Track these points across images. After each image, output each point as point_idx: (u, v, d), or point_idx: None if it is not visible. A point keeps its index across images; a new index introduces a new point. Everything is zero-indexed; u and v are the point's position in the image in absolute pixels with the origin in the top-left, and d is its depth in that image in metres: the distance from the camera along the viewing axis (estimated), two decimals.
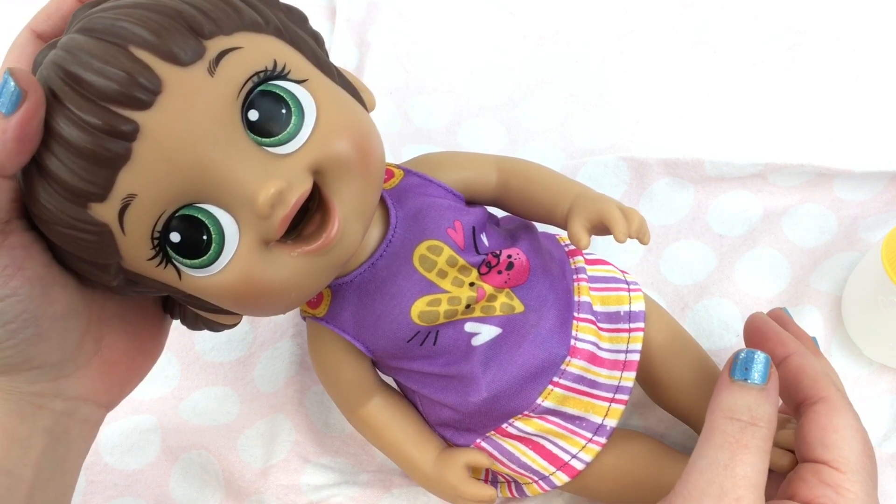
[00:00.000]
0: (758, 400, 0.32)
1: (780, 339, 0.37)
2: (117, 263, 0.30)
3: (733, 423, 0.32)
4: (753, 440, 0.31)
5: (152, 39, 0.26)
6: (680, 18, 0.61)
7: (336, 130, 0.30)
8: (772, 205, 0.52)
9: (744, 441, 0.31)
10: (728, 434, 0.32)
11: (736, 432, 0.32)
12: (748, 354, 0.33)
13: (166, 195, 0.28)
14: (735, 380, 0.33)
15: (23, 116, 0.26)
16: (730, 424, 0.32)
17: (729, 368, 0.34)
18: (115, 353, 0.34)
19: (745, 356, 0.33)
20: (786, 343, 0.37)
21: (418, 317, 0.36)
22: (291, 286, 0.30)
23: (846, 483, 0.31)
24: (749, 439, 0.31)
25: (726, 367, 0.34)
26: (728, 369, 0.34)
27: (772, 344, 0.37)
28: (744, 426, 0.32)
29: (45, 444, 0.31)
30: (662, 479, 0.41)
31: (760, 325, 0.39)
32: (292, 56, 0.30)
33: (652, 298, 0.44)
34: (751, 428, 0.32)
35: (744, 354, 0.33)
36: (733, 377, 0.33)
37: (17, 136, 0.26)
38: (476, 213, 0.39)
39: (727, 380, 0.33)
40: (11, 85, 0.25)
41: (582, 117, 0.58)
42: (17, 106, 0.25)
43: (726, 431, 0.32)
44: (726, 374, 0.34)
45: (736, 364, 0.33)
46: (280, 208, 0.27)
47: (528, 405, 0.39)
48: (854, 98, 0.56)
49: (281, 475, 0.48)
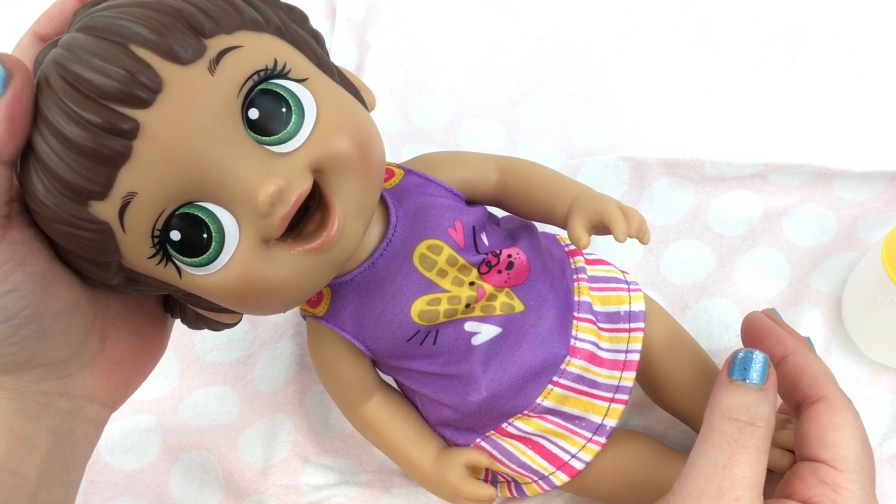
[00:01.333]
0: (756, 400, 0.32)
1: (779, 338, 0.37)
2: (118, 262, 0.30)
3: (731, 423, 0.32)
4: (752, 440, 0.31)
5: (153, 38, 0.26)
6: (680, 18, 0.61)
7: (336, 129, 0.30)
8: (772, 205, 0.52)
9: (742, 441, 0.31)
10: (726, 434, 0.32)
11: (734, 432, 0.32)
12: (746, 354, 0.33)
13: (166, 193, 0.28)
14: (733, 379, 0.33)
15: (11, 96, 0.26)
16: (728, 424, 0.32)
17: (727, 368, 0.34)
18: (119, 352, 0.34)
19: (743, 356, 0.33)
20: (784, 342, 0.37)
21: (418, 316, 0.36)
22: (291, 284, 0.30)
23: (844, 482, 0.31)
24: (747, 439, 0.31)
25: (725, 367, 0.34)
26: (726, 369, 0.34)
27: (770, 343, 0.37)
28: (742, 426, 0.32)
29: (50, 443, 0.31)
30: (662, 479, 0.41)
31: (758, 324, 0.39)
32: (292, 55, 0.30)
33: (652, 298, 0.44)
34: (749, 428, 0.32)
35: (742, 354, 0.33)
36: (731, 377, 0.33)
37: (8, 116, 0.26)
38: (476, 212, 0.39)
39: (725, 379, 0.33)
40: None
41: (582, 117, 0.58)
42: (4, 87, 0.26)
43: (725, 431, 0.32)
44: (725, 374, 0.34)
45: (734, 364, 0.33)
46: (280, 206, 0.27)
47: (527, 405, 0.39)
48: (854, 98, 0.56)
49: (281, 475, 0.48)
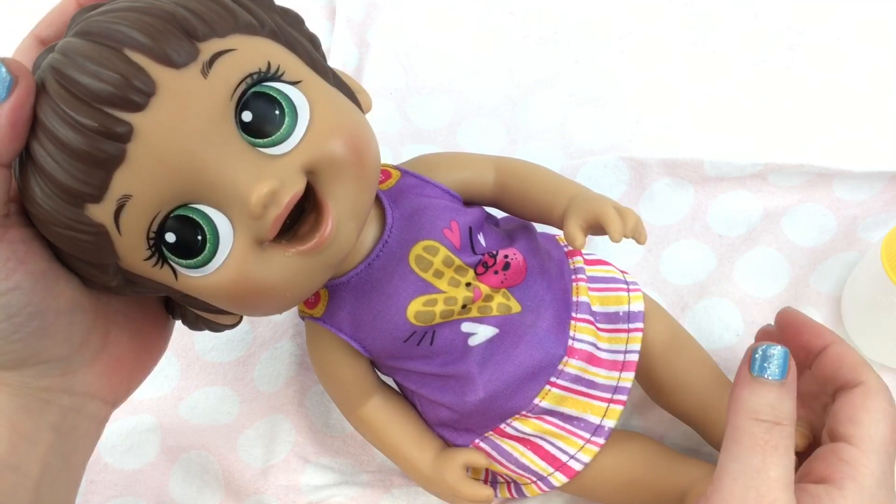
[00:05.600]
0: (780, 397, 0.32)
1: (817, 331, 0.37)
2: (115, 264, 0.30)
3: (759, 425, 0.32)
4: (781, 440, 0.32)
5: (146, 42, 0.26)
6: (680, 18, 0.61)
7: (329, 131, 0.30)
8: (772, 205, 0.52)
9: (773, 442, 0.31)
10: (757, 437, 0.32)
11: (763, 433, 0.32)
12: (766, 349, 0.33)
13: (161, 196, 0.28)
14: (755, 375, 0.33)
15: (15, 102, 0.26)
16: (756, 426, 0.32)
17: (747, 364, 0.33)
18: (121, 350, 0.34)
19: (762, 350, 0.33)
20: (822, 333, 0.37)
21: (414, 317, 0.37)
22: (286, 286, 0.30)
23: (863, 459, 0.32)
24: (777, 440, 0.31)
25: (744, 363, 0.34)
26: (746, 364, 0.33)
27: (808, 336, 0.37)
28: (770, 427, 0.32)
29: (51, 439, 0.31)
30: (661, 479, 0.41)
31: (793, 319, 0.39)
32: (286, 58, 0.30)
33: (652, 298, 0.44)
34: (777, 428, 0.32)
35: (761, 349, 0.33)
36: (752, 372, 0.33)
37: (10, 121, 0.26)
38: (473, 213, 0.39)
39: (747, 376, 0.33)
40: (3, 71, 0.26)
41: (582, 117, 0.58)
42: (9, 92, 0.26)
43: (755, 434, 0.32)
44: (745, 370, 0.33)
45: (754, 359, 0.33)
46: (273, 208, 0.28)
47: (525, 405, 0.39)
48: (854, 98, 0.55)
49: (281, 475, 0.48)
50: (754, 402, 0.32)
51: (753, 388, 0.33)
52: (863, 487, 0.31)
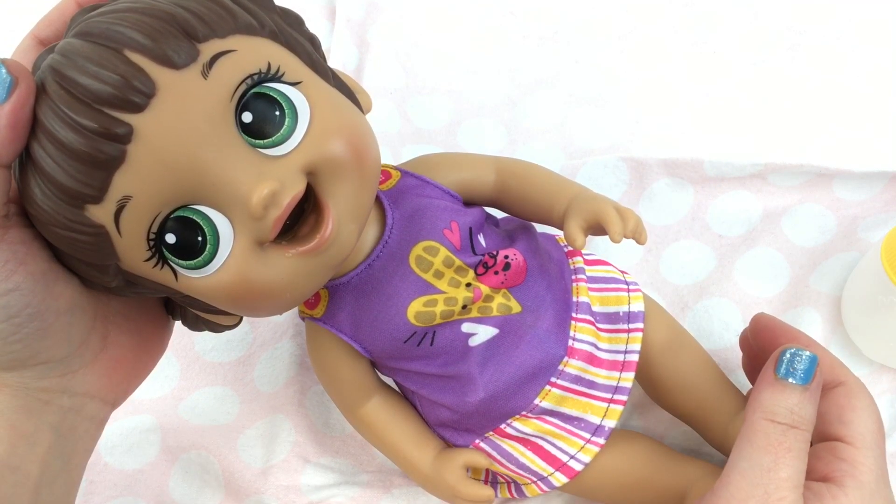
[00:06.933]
0: (801, 402, 0.33)
1: (793, 335, 0.38)
2: (115, 265, 0.30)
3: (776, 427, 0.32)
4: (796, 443, 0.32)
5: (147, 43, 0.26)
6: (680, 18, 0.61)
7: (330, 132, 0.30)
8: (771, 205, 0.52)
9: (787, 444, 0.32)
10: (771, 437, 0.32)
11: (778, 435, 0.32)
12: (794, 353, 0.33)
13: (161, 197, 0.28)
14: (778, 377, 0.33)
15: (15, 103, 0.26)
16: (772, 427, 0.32)
17: (773, 365, 0.34)
18: (121, 350, 0.34)
19: (791, 354, 0.33)
20: (798, 337, 0.38)
21: (415, 317, 0.37)
22: (286, 287, 0.30)
23: (860, 457, 0.32)
24: (792, 442, 0.32)
25: (770, 364, 0.34)
26: (772, 366, 0.34)
27: (784, 340, 0.38)
28: (786, 430, 0.32)
29: (51, 440, 0.31)
30: (662, 479, 0.41)
31: (768, 323, 0.39)
32: (287, 58, 0.30)
33: (652, 298, 0.44)
34: (793, 431, 0.32)
35: (790, 352, 0.33)
36: (777, 374, 0.33)
37: (10, 122, 0.26)
38: (473, 213, 0.39)
39: (771, 377, 0.33)
40: (3, 72, 0.26)
41: (582, 117, 0.58)
42: (9, 93, 0.26)
43: (769, 434, 0.32)
44: (770, 371, 0.34)
45: (781, 361, 0.33)
46: (273, 209, 0.28)
47: (525, 406, 0.39)
48: (854, 98, 0.55)
49: (281, 475, 0.48)
50: (773, 403, 0.33)
51: (775, 390, 0.33)
52: (863, 484, 0.32)
